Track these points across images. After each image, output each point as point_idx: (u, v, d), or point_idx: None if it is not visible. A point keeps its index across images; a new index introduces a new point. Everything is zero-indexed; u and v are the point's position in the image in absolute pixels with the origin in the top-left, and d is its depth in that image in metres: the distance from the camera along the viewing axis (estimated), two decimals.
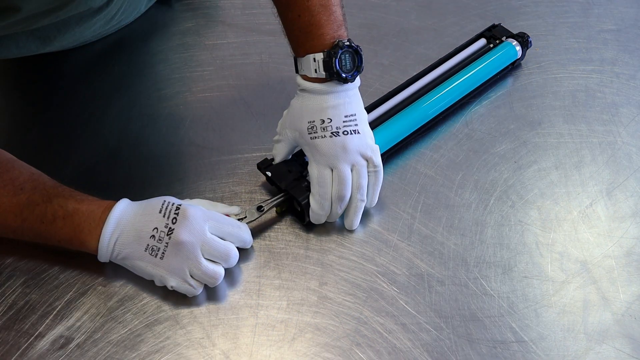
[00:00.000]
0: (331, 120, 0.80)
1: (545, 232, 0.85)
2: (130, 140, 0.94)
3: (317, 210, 0.81)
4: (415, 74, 0.98)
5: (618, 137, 0.95)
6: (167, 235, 0.74)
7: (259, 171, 0.86)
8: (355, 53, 0.80)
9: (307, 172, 0.84)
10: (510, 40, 1.01)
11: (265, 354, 0.74)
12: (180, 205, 0.75)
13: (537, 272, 0.81)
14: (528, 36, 1.01)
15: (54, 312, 0.76)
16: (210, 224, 0.76)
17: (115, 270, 0.79)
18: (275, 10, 0.83)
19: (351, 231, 0.84)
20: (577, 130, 0.96)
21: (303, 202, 0.81)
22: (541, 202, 0.88)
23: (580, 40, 1.09)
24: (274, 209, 0.84)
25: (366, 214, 0.85)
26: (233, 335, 0.75)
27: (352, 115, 0.81)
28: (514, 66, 1.03)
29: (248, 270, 0.80)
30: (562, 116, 0.98)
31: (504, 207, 0.87)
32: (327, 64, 0.79)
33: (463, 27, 1.09)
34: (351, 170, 0.80)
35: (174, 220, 0.74)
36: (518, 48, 1.00)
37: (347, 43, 0.80)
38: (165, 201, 0.76)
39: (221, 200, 0.86)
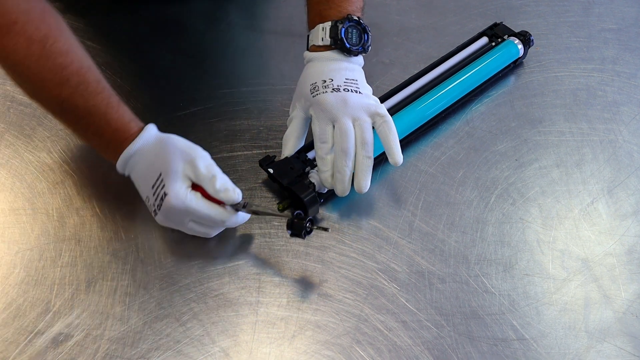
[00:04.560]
0: (332, 80, 0.82)
1: (546, 229, 0.85)
2: None
3: (322, 167, 0.81)
4: (415, 72, 0.98)
5: (619, 136, 0.95)
6: (154, 211, 0.78)
7: (259, 168, 0.86)
8: (363, 31, 0.85)
9: (310, 170, 0.84)
10: (512, 38, 1.01)
11: (265, 352, 0.74)
12: (166, 195, 0.75)
13: (538, 269, 0.81)
14: (530, 35, 1.01)
15: (53, 309, 0.76)
16: (191, 218, 0.77)
17: (115, 267, 0.79)
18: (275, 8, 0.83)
19: (351, 229, 0.84)
20: (578, 129, 0.96)
21: (305, 199, 0.81)
22: (542, 200, 0.88)
23: (581, 39, 1.08)
24: (278, 205, 0.84)
25: (367, 213, 0.85)
26: (233, 332, 0.75)
27: (354, 79, 0.83)
28: (516, 64, 1.02)
29: (248, 267, 0.80)
30: (563, 114, 0.98)
31: (505, 204, 0.87)
32: (333, 31, 0.83)
33: (464, 25, 1.09)
34: (354, 127, 0.81)
35: (159, 206, 0.76)
36: (520, 46, 1.00)
37: (356, 18, 0.84)
38: (160, 177, 0.76)
39: None
